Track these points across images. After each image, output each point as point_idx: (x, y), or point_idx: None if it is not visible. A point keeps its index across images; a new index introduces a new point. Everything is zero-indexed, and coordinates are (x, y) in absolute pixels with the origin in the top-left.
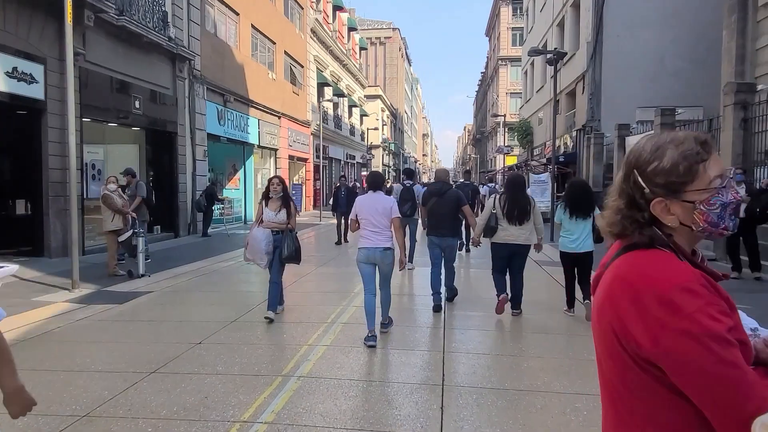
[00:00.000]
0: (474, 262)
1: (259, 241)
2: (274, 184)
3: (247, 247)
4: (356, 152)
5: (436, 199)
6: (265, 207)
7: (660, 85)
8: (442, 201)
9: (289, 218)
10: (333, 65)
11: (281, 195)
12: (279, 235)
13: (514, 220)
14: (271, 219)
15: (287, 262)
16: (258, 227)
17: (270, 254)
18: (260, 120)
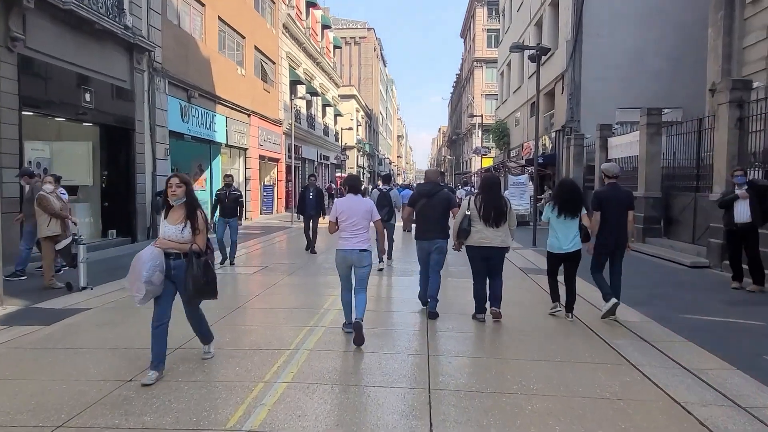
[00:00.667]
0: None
1: (140, 264)
2: (172, 186)
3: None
4: (330, 153)
5: (426, 200)
6: (162, 219)
7: (640, 86)
8: (432, 202)
9: (195, 235)
10: (306, 63)
11: (184, 201)
12: (180, 261)
13: (491, 221)
14: (170, 236)
15: (194, 299)
16: (150, 246)
17: (154, 285)
18: (228, 118)
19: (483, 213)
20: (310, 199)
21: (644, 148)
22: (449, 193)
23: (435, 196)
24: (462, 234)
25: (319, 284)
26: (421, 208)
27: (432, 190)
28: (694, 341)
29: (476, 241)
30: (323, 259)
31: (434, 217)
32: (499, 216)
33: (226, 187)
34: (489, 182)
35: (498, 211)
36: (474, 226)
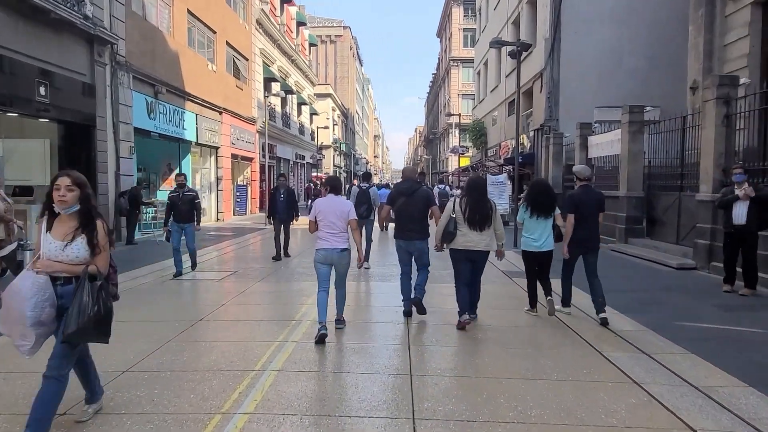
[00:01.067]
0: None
1: (21, 301)
2: (60, 189)
3: None
4: (306, 152)
5: (405, 198)
6: (45, 232)
7: (617, 85)
8: (411, 201)
9: (95, 254)
10: (281, 60)
11: (78, 209)
12: (70, 286)
13: (475, 225)
14: (54, 254)
15: (76, 338)
16: (27, 271)
17: (45, 326)
18: (198, 115)
19: (468, 216)
20: (281, 201)
21: (626, 146)
22: (428, 191)
23: (414, 194)
24: (447, 237)
25: (292, 291)
26: (399, 206)
27: (410, 188)
28: (696, 352)
29: (461, 244)
30: (297, 263)
31: (413, 215)
32: (485, 220)
33: (179, 188)
34: (475, 185)
35: (483, 214)
36: (459, 229)
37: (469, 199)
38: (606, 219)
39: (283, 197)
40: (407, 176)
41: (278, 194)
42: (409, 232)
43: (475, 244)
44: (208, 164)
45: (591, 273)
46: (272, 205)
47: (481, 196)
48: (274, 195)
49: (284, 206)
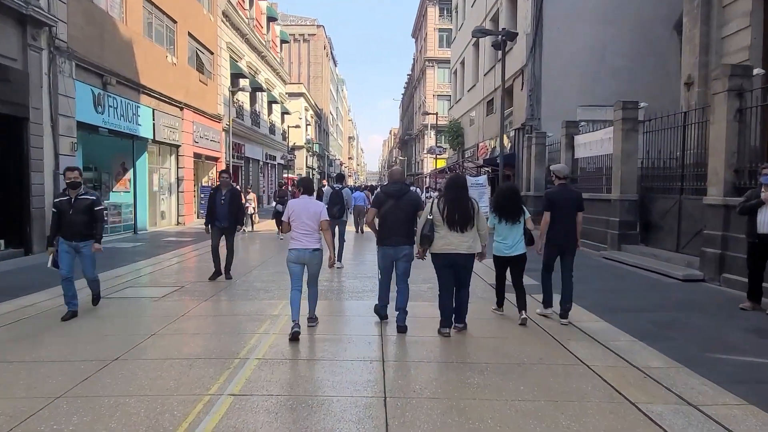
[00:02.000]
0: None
1: None
2: None
3: None
4: (277, 152)
5: (393, 202)
6: None
7: (601, 84)
8: (399, 204)
9: None
10: (250, 56)
11: None
12: None
13: (455, 225)
14: None
15: None
16: None
17: None
18: (156, 110)
19: (447, 216)
20: (222, 205)
21: (619, 145)
22: (417, 195)
23: (403, 198)
24: (424, 240)
25: (241, 316)
26: (386, 211)
27: (399, 191)
28: (756, 402)
29: (440, 247)
30: (256, 275)
31: (401, 220)
32: (465, 219)
33: (71, 189)
34: (454, 183)
35: (463, 213)
36: (437, 231)
37: (447, 198)
38: (597, 224)
39: (225, 201)
40: (395, 178)
41: (219, 196)
42: (397, 237)
43: (455, 246)
44: (168, 164)
45: (566, 274)
46: (211, 210)
47: (460, 193)
48: (214, 197)
49: (226, 211)
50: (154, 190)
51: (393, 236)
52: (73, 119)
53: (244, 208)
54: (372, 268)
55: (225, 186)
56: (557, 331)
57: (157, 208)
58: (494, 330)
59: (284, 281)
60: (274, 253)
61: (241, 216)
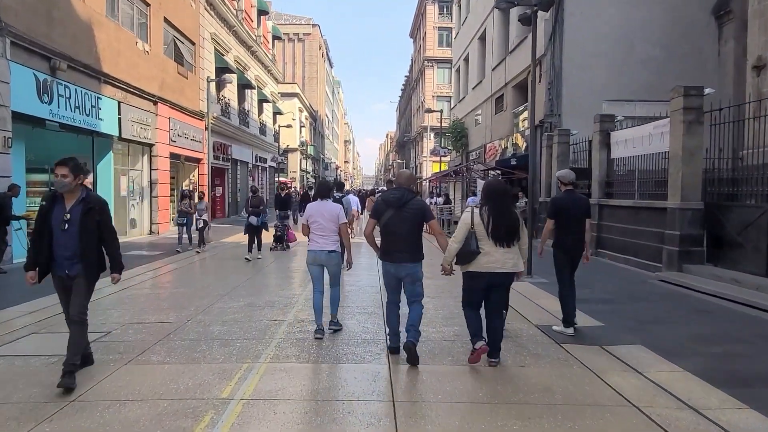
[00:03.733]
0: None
1: None
2: None
3: None
4: (268, 154)
5: (394, 211)
6: None
7: (628, 76)
8: (401, 214)
9: None
10: (238, 50)
11: None
12: None
13: (502, 241)
14: None
15: None
16: None
17: None
18: (122, 103)
19: (492, 229)
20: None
21: (679, 141)
22: (423, 202)
23: (406, 206)
24: (468, 258)
25: (168, 400)
26: (387, 221)
27: (402, 198)
28: None
29: (483, 265)
30: (216, 314)
31: (404, 233)
32: (512, 233)
33: None
34: (496, 190)
35: (510, 227)
36: (481, 246)
37: (491, 208)
38: (645, 237)
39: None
40: (401, 183)
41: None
42: (399, 253)
43: (501, 264)
44: (140, 165)
45: (569, 282)
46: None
47: (505, 203)
48: None
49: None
50: (122, 195)
51: (394, 252)
52: (6, 109)
53: None
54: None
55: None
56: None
57: (125, 215)
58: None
59: (255, 322)
60: (243, 278)
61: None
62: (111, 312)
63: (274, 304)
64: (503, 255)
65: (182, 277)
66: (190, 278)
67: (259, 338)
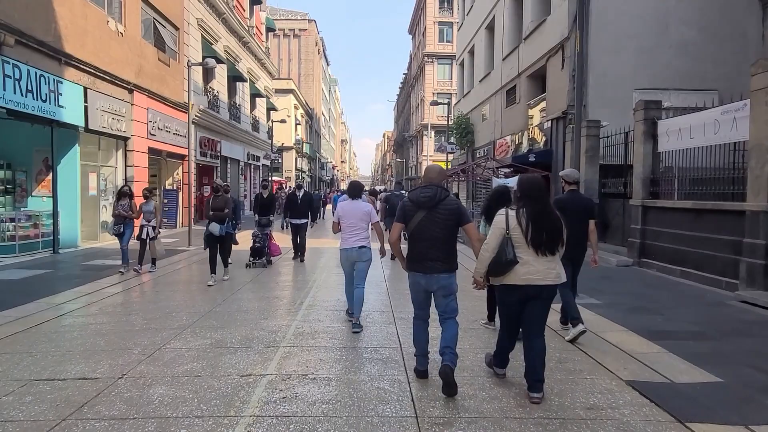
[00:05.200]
0: None
1: None
2: None
3: None
4: (261, 152)
5: (426, 214)
6: None
7: (661, 62)
8: (434, 216)
9: None
10: (229, 40)
11: None
12: None
13: (542, 248)
14: None
15: None
16: None
17: None
18: (89, 89)
19: (532, 235)
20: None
21: (763, 128)
22: (459, 201)
23: (439, 206)
24: (505, 268)
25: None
26: (418, 224)
27: (435, 197)
28: None
29: (521, 277)
30: (170, 360)
31: (437, 238)
32: (555, 239)
33: None
34: (535, 186)
35: (553, 231)
36: (519, 255)
37: (530, 210)
38: (714, 246)
39: None
40: (431, 179)
41: None
42: (432, 261)
43: (542, 276)
44: (113, 161)
45: (571, 285)
46: None
47: (546, 202)
48: None
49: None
50: (91, 194)
51: (425, 260)
52: None
53: None
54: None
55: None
56: None
57: (95, 217)
58: None
59: (219, 379)
60: (214, 303)
61: None
62: (24, 356)
63: (252, 343)
64: (545, 265)
65: (140, 299)
66: (148, 301)
67: (220, 413)
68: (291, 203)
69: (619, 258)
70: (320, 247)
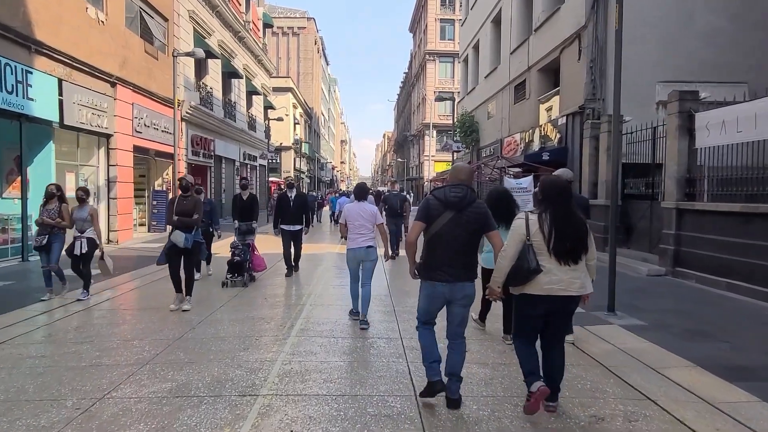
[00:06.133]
0: None
1: None
2: None
3: None
4: (258, 151)
5: (453, 215)
6: None
7: (686, 52)
8: (460, 219)
9: None
10: (223, 34)
11: None
12: None
13: (567, 255)
14: None
15: None
16: None
17: None
18: (65, 81)
19: (555, 242)
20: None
21: None
22: (485, 207)
23: (469, 209)
24: (526, 277)
25: None
26: (443, 227)
27: (465, 198)
28: None
29: (543, 287)
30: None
31: (462, 244)
32: (580, 246)
33: None
34: (559, 188)
35: (579, 237)
36: (540, 262)
37: (553, 214)
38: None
39: None
40: (461, 180)
41: None
42: (455, 269)
43: (565, 285)
44: (95, 160)
45: None
46: None
47: (571, 206)
48: None
49: None
50: (69, 195)
51: (448, 266)
52: None
53: None
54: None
55: None
56: None
57: None
58: None
59: None
60: (182, 328)
61: None
62: None
63: (224, 390)
64: (568, 274)
65: (100, 321)
66: (109, 324)
67: None
68: (282, 206)
69: (650, 267)
70: (318, 253)
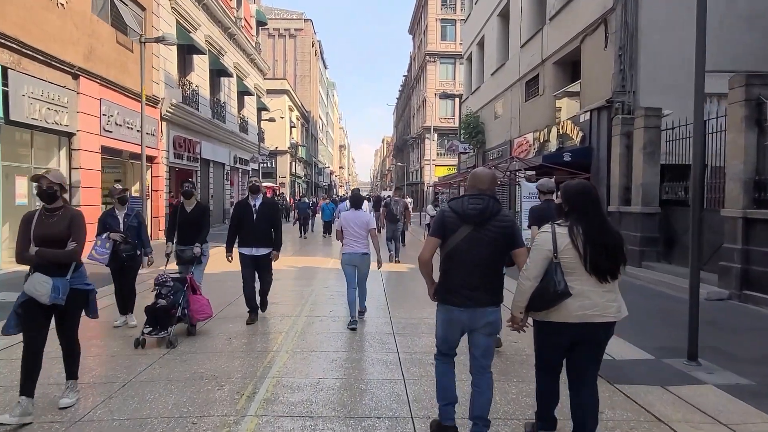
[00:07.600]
0: None
1: None
2: None
3: None
4: (250, 155)
5: (472, 229)
6: None
7: (724, 39)
8: (481, 234)
9: None
10: (211, 29)
11: None
12: None
13: (604, 274)
14: None
15: None
16: None
17: None
18: (10, 69)
19: (592, 257)
20: None
21: None
22: (514, 219)
23: (491, 222)
24: (553, 301)
25: None
26: (460, 242)
27: (487, 209)
28: None
29: (573, 314)
30: None
31: (485, 261)
32: (617, 260)
33: None
34: (588, 194)
35: (615, 250)
36: (570, 283)
37: (587, 225)
38: None
39: None
40: (482, 189)
41: None
42: (475, 291)
43: (601, 310)
44: (54, 162)
45: None
46: None
47: (603, 215)
48: None
49: None
50: (19, 203)
51: (465, 289)
52: None
53: None
54: None
55: None
56: None
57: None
58: None
59: None
60: (73, 411)
61: None
62: None
63: None
64: (603, 296)
65: None
66: None
67: None
68: (240, 218)
69: (709, 289)
70: (311, 266)
